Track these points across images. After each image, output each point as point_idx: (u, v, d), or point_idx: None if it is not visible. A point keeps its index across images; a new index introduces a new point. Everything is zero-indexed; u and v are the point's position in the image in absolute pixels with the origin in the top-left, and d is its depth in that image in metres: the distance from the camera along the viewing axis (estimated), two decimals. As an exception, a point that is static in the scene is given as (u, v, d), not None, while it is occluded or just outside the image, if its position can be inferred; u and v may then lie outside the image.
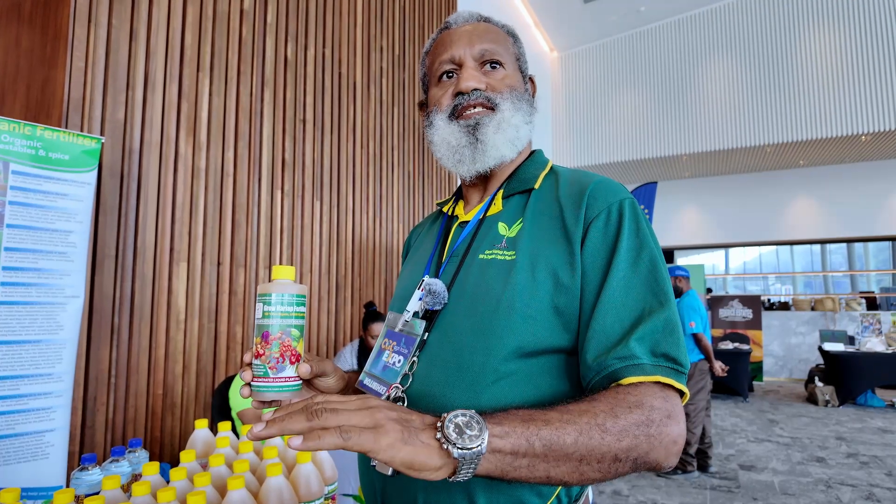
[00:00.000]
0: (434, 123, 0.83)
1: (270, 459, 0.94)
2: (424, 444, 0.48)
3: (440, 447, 0.49)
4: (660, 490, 3.54)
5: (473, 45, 0.81)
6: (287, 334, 0.63)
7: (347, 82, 3.58)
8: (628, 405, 0.57)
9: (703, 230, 10.52)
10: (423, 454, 0.48)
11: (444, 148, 0.81)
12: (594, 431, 0.54)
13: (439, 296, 0.74)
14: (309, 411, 0.48)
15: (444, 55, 0.82)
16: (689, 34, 8.86)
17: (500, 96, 0.79)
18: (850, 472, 3.90)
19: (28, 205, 1.59)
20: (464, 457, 0.48)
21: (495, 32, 0.85)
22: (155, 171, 2.27)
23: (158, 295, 2.25)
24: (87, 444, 1.96)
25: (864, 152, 8.57)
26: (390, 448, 0.46)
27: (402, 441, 0.47)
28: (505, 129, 0.78)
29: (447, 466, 0.49)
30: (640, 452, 0.57)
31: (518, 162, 0.86)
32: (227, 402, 2.16)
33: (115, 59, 2.12)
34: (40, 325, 1.60)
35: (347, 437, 0.45)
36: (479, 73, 0.81)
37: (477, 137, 0.78)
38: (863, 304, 8.59)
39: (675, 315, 0.65)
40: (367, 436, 0.46)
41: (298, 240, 3.07)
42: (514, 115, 0.80)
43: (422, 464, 0.48)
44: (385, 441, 0.46)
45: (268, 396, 0.63)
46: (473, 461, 0.49)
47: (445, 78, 0.83)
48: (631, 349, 0.61)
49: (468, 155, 0.79)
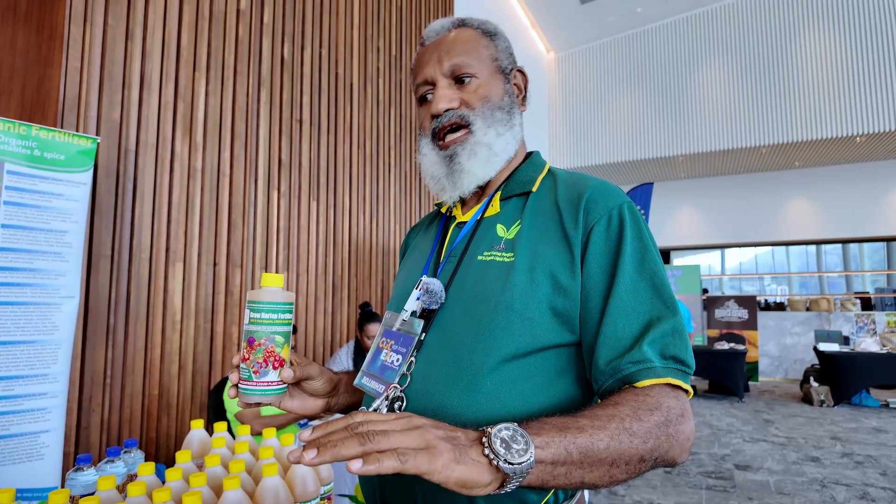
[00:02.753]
0: (421, 149, 0.85)
1: (266, 459, 0.94)
2: (475, 462, 0.49)
3: (489, 463, 0.49)
4: (655, 490, 3.55)
5: (442, 63, 0.81)
6: (271, 340, 0.66)
7: (344, 82, 3.58)
8: (649, 408, 0.60)
9: (699, 231, 10.56)
10: (475, 472, 0.48)
11: (428, 177, 0.85)
12: (623, 436, 0.56)
13: (436, 295, 0.75)
14: (359, 435, 0.48)
15: (419, 77, 0.84)
16: (685, 35, 8.89)
17: (473, 113, 0.79)
18: (845, 471, 3.92)
19: (23, 205, 1.59)
20: (514, 472, 0.49)
21: (466, 40, 0.82)
22: (151, 171, 2.27)
23: (154, 295, 2.25)
24: (82, 444, 1.96)
25: (860, 153, 8.62)
26: (445, 469, 0.47)
27: (454, 461, 0.48)
28: (478, 152, 0.79)
29: (497, 481, 0.50)
30: (662, 452, 0.59)
31: (515, 164, 0.87)
32: (222, 403, 2.16)
33: (110, 59, 2.12)
34: (35, 325, 1.59)
35: (405, 461, 0.46)
36: (452, 90, 0.81)
37: (452, 168, 0.80)
38: (858, 304, 8.64)
39: (682, 320, 0.67)
40: (422, 457, 0.46)
41: (295, 240, 3.07)
42: (487, 133, 0.79)
43: (474, 482, 0.48)
44: (440, 462, 0.47)
45: (252, 399, 0.67)
46: (523, 474, 0.50)
47: (425, 99, 0.84)
48: (644, 353, 0.64)
49: (448, 184, 0.81)
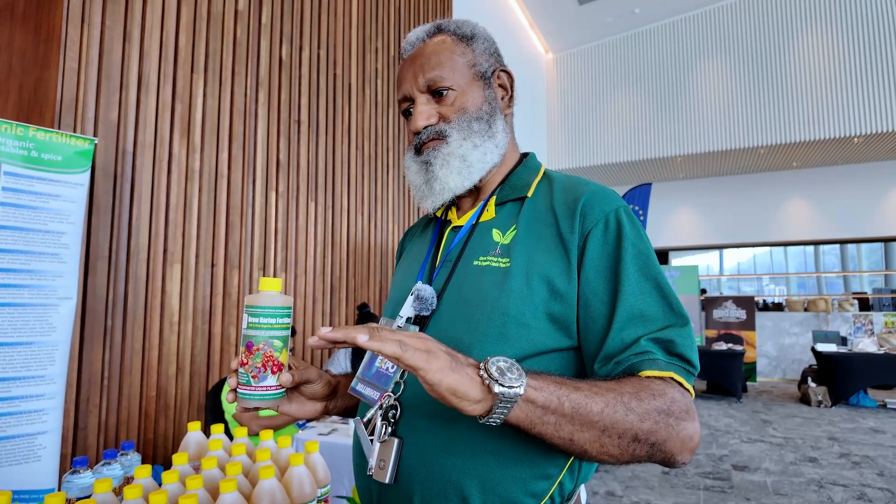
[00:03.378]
0: (407, 163, 0.86)
1: (263, 462, 0.94)
2: (469, 377, 0.53)
3: (482, 382, 0.53)
4: (653, 490, 3.55)
5: (417, 78, 0.81)
6: (269, 345, 0.66)
7: (342, 83, 3.58)
8: (652, 392, 0.60)
9: (697, 231, 10.57)
10: (467, 384, 0.52)
11: (413, 187, 0.85)
12: (619, 406, 0.57)
13: (427, 301, 0.75)
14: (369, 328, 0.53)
15: (399, 94, 0.84)
16: (683, 36, 8.91)
17: (450, 126, 0.80)
18: (842, 472, 3.93)
19: (20, 206, 1.59)
20: (503, 394, 0.52)
21: (440, 51, 0.81)
22: (149, 173, 2.26)
23: (152, 296, 2.24)
24: (79, 446, 1.95)
25: (857, 154, 8.64)
26: (439, 371, 0.51)
27: (450, 369, 0.51)
28: (450, 162, 0.79)
29: (486, 402, 0.53)
30: (659, 439, 0.59)
31: (508, 167, 0.86)
32: (220, 404, 2.16)
33: (108, 60, 2.11)
34: (33, 326, 1.59)
35: (405, 349, 0.50)
36: (430, 105, 0.81)
37: (428, 176, 0.80)
38: (855, 304, 8.65)
39: (691, 329, 0.68)
40: (420, 355, 0.51)
41: (293, 241, 3.07)
42: (462, 145, 0.79)
43: (464, 393, 0.52)
44: (436, 364, 0.51)
45: (250, 403, 0.67)
46: (511, 401, 0.53)
47: (409, 114, 0.85)
48: (644, 346, 0.64)
49: (426, 191, 0.81)
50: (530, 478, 0.67)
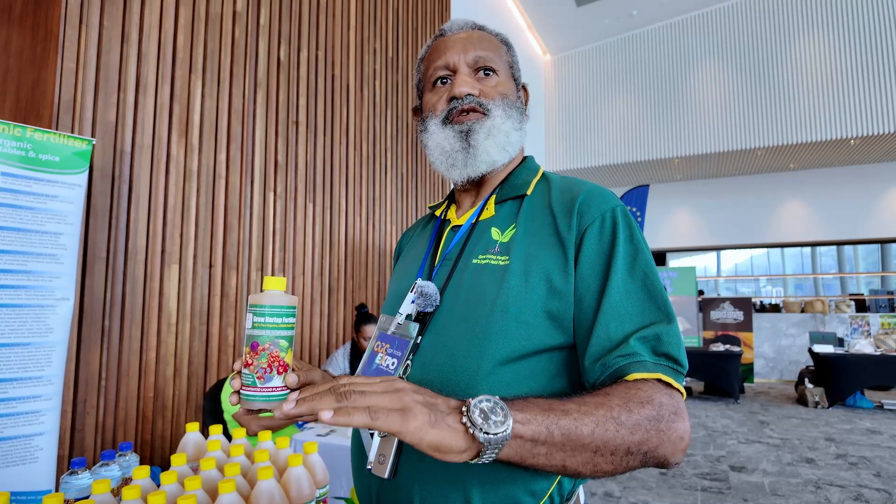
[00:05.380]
0: (429, 128, 0.84)
1: (261, 463, 0.94)
2: (451, 428, 0.50)
3: (466, 431, 0.50)
4: (651, 491, 3.56)
5: (468, 52, 0.82)
6: (275, 345, 0.64)
7: (340, 84, 3.58)
8: (640, 400, 0.59)
9: (694, 232, 10.60)
10: (449, 437, 0.49)
11: (437, 152, 0.83)
12: (609, 424, 0.56)
13: (431, 298, 0.75)
14: (337, 392, 0.50)
15: (439, 61, 0.84)
16: (681, 38, 8.94)
17: (493, 103, 0.81)
18: (840, 472, 3.94)
19: (17, 206, 1.58)
20: (489, 441, 0.50)
21: (489, 40, 0.86)
22: (146, 173, 2.26)
23: (150, 297, 2.24)
24: (76, 447, 1.95)
25: (854, 156, 8.68)
26: (418, 431, 0.48)
27: (429, 424, 0.49)
28: (495, 135, 0.80)
29: (472, 450, 0.51)
30: (651, 446, 0.58)
31: (510, 168, 0.87)
32: (218, 405, 2.15)
33: (106, 61, 2.11)
34: (30, 327, 1.58)
35: (376, 417, 0.47)
36: (472, 79, 0.82)
37: (469, 143, 0.79)
38: (852, 305, 8.68)
39: (677, 326, 0.67)
40: (394, 417, 0.48)
41: (291, 242, 3.07)
42: (505, 122, 0.81)
43: (448, 446, 0.49)
44: (413, 424, 0.48)
45: (255, 405, 0.65)
46: (498, 445, 0.50)
47: (440, 83, 0.84)
48: (632, 347, 0.64)
49: (461, 160, 0.80)
50: (530, 476, 0.67)
